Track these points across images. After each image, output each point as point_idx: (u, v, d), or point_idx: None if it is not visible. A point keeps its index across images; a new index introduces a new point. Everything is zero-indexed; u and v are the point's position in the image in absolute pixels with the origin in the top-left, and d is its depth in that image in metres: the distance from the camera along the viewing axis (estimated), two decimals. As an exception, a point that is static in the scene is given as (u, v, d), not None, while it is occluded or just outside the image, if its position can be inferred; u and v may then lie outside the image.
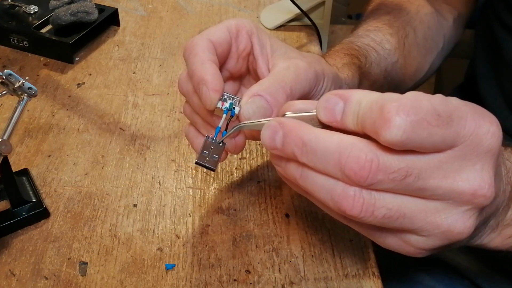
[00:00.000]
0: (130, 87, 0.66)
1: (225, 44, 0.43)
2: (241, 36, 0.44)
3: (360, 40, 0.59)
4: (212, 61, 0.41)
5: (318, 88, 0.44)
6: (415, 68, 0.64)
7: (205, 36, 0.42)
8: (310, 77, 0.42)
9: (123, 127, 0.60)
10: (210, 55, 0.41)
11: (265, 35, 0.44)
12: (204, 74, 0.40)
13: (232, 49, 0.44)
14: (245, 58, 0.45)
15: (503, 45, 0.65)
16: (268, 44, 0.44)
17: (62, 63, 0.70)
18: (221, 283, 0.44)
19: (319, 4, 0.77)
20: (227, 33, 0.43)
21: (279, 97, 0.39)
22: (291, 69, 0.41)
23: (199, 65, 0.40)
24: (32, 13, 0.74)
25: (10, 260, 0.45)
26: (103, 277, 0.44)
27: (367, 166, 0.29)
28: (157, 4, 0.85)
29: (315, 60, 0.45)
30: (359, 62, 0.55)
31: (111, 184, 0.53)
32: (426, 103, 0.28)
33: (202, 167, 0.41)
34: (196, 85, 0.41)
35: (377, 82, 0.58)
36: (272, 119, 0.34)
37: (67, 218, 0.49)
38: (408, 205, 0.30)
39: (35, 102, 0.63)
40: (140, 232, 0.48)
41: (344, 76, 0.51)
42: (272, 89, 0.39)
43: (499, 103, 0.68)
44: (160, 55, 0.72)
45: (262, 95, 0.39)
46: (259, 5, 0.84)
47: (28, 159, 0.55)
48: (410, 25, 0.63)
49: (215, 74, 0.40)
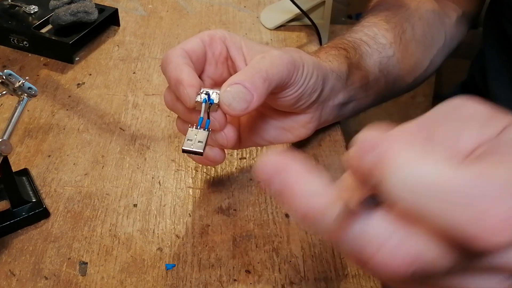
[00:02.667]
0: (130, 87, 0.66)
1: (199, 51, 0.45)
2: (214, 43, 0.46)
3: (352, 35, 0.60)
4: (187, 64, 0.43)
5: (299, 73, 0.45)
6: (414, 63, 0.63)
7: (179, 46, 0.44)
8: (286, 62, 0.43)
9: (123, 127, 0.60)
10: (184, 59, 0.43)
11: (238, 38, 0.47)
12: (178, 74, 0.42)
13: (208, 56, 0.46)
14: (223, 63, 0.47)
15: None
16: (243, 45, 0.46)
17: (62, 63, 0.70)
18: (221, 283, 0.44)
19: (319, 4, 0.77)
20: (200, 42, 0.46)
21: (256, 81, 0.41)
22: (266, 57, 0.43)
23: (174, 70, 0.42)
24: (32, 13, 0.74)
25: (10, 260, 0.45)
26: (103, 277, 0.44)
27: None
28: (157, 4, 0.85)
29: (292, 50, 0.47)
30: (347, 53, 0.55)
31: (111, 184, 0.53)
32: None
33: (189, 153, 0.41)
34: (175, 89, 0.42)
35: (372, 74, 0.58)
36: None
37: (67, 218, 0.49)
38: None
39: (35, 102, 0.63)
40: (140, 232, 0.48)
41: (328, 64, 0.51)
42: (248, 75, 0.41)
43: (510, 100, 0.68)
44: (160, 55, 0.72)
45: (240, 82, 0.40)
46: (259, 5, 0.84)
47: (28, 159, 0.55)
48: (408, 21, 0.63)
49: (189, 72, 0.42)
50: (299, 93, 0.46)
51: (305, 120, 0.51)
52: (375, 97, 0.60)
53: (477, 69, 0.78)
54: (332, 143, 0.58)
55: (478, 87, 0.76)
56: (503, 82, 0.69)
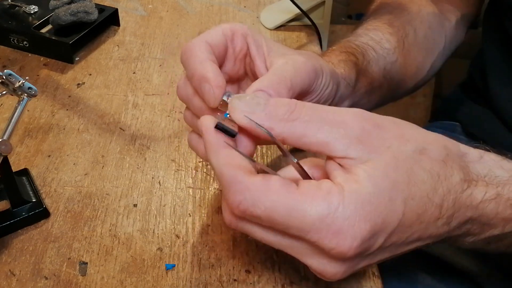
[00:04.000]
0: (130, 87, 0.66)
1: (221, 46, 0.43)
2: (236, 38, 0.44)
3: (358, 39, 0.59)
4: (212, 60, 0.41)
5: (318, 82, 0.44)
6: (416, 67, 0.64)
7: (202, 39, 0.42)
8: (309, 70, 0.42)
9: (123, 127, 0.60)
10: (209, 55, 0.41)
11: (259, 36, 0.45)
12: (205, 72, 0.40)
13: (228, 51, 0.44)
14: (242, 60, 0.45)
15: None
16: (264, 44, 0.44)
17: (62, 63, 0.70)
18: (221, 283, 0.44)
19: (319, 4, 0.77)
20: (223, 36, 0.43)
21: (281, 90, 0.39)
22: (290, 63, 0.41)
23: (199, 65, 0.40)
24: (32, 13, 0.74)
25: (10, 260, 0.45)
26: (103, 277, 0.44)
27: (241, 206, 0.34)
28: (157, 4, 0.85)
29: (312, 56, 0.46)
30: (356, 59, 0.55)
31: (111, 184, 0.53)
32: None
33: (223, 131, 0.38)
34: (197, 85, 0.40)
35: (376, 80, 0.58)
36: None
37: (67, 218, 0.49)
38: (283, 243, 0.35)
39: (35, 102, 0.63)
40: (140, 232, 0.48)
41: (340, 71, 0.51)
42: (274, 83, 0.39)
43: (510, 99, 0.68)
44: (160, 55, 0.72)
45: (265, 90, 0.39)
46: (259, 5, 0.84)
47: (28, 159, 0.55)
48: (410, 25, 0.63)
49: (216, 71, 0.40)
50: (315, 101, 0.46)
51: None
52: (378, 101, 0.60)
53: (477, 69, 0.78)
54: (332, 143, 0.58)
55: (478, 87, 0.76)
56: (503, 81, 0.69)
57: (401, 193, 0.34)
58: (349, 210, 0.32)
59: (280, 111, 0.35)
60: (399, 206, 0.33)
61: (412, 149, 0.35)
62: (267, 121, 0.35)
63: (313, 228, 0.32)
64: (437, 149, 0.36)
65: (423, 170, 0.35)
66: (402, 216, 0.34)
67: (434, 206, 0.35)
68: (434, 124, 0.84)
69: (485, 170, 0.38)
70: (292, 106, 0.35)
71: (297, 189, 0.33)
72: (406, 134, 0.36)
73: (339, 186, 0.33)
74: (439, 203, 0.35)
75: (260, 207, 0.33)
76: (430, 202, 0.35)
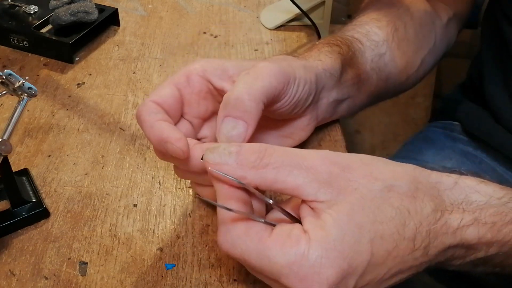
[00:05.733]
0: (130, 87, 0.66)
1: (171, 98, 0.43)
2: (192, 80, 0.44)
3: (345, 33, 0.60)
4: (161, 119, 0.41)
5: (290, 83, 0.45)
6: (406, 61, 0.63)
7: (147, 101, 0.43)
8: (275, 72, 0.43)
9: (123, 127, 0.60)
10: (157, 115, 0.42)
11: (220, 62, 0.45)
12: (159, 134, 0.40)
13: (186, 97, 0.44)
14: (205, 98, 0.45)
15: (510, 41, 0.65)
16: (229, 67, 0.44)
17: (62, 63, 0.70)
18: (221, 283, 0.44)
19: (319, 4, 0.77)
20: (173, 87, 0.44)
21: (241, 107, 0.40)
22: (250, 73, 0.42)
23: (150, 130, 0.41)
24: (32, 13, 0.74)
25: (10, 260, 0.45)
26: (103, 277, 0.44)
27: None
28: (157, 4, 0.85)
29: (280, 58, 0.46)
30: (340, 49, 0.55)
31: (111, 184, 0.53)
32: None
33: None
34: (161, 148, 0.41)
35: (364, 72, 0.57)
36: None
37: (67, 218, 0.49)
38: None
39: (35, 102, 0.63)
40: (140, 232, 0.48)
41: (318, 63, 0.51)
42: (231, 104, 0.40)
43: (505, 101, 0.68)
44: (160, 55, 0.72)
45: (226, 115, 0.40)
46: (259, 5, 0.84)
47: (28, 159, 0.55)
48: (400, 20, 0.63)
49: (168, 128, 0.41)
50: (295, 101, 0.46)
51: (303, 123, 0.51)
52: (369, 95, 0.60)
53: (475, 70, 0.78)
54: (332, 143, 0.58)
55: (476, 87, 0.77)
56: (499, 84, 0.70)
57: (368, 233, 0.35)
58: (313, 257, 0.33)
59: (251, 159, 0.36)
60: (366, 247, 0.35)
61: (380, 187, 0.36)
62: (239, 170, 0.36)
63: (283, 274, 0.34)
64: (406, 184, 0.37)
65: (391, 207, 0.36)
66: (371, 256, 0.35)
67: (407, 240, 0.36)
68: (434, 124, 0.84)
69: (461, 196, 0.38)
70: (262, 153, 0.36)
71: (269, 236, 0.35)
72: (374, 172, 0.37)
73: (307, 235, 0.35)
74: (411, 236, 0.36)
75: (237, 250, 0.36)
76: (400, 238, 0.35)
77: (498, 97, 0.69)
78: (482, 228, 0.38)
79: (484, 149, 0.74)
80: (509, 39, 0.66)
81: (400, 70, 0.63)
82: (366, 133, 1.28)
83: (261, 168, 0.36)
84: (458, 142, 0.77)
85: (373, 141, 1.29)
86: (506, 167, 0.72)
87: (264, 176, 0.36)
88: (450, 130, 0.80)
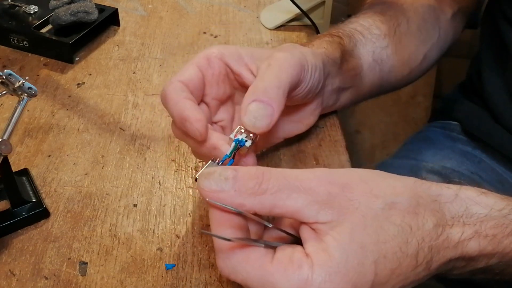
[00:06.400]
0: (130, 87, 0.66)
1: (196, 78, 0.45)
2: (212, 63, 0.46)
3: (347, 26, 0.61)
4: (186, 98, 0.43)
5: (305, 70, 0.46)
6: (408, 55, 0.64)
7: (174, 80, 0.44)
8: (293, 63, 0.44)
9: (123, 127, 0.60)
10: (183, 93, 0.43)
11: (235, 49, 0.46)
12: (181, 112, 0.41)
13: (207, 78, 0.46)
14: (224, 81, 0.47)
15: (509, 41, 0.65)
16: (243, 54, 0.46)
17: (62, 63, 0.70)
18: (221, 283, 0.44)
19: (319, 4, 0.77)
20: (196, 68, 0.45)
21: (270, 92, 0.41)
22: (272, 64, 0.43)
23: (175, 107, 0.42)
24: (32, 13, 0.74)
25: (10, 260, 0.45)
26: (103, 277, 0.44)
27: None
28: (157, 4, 0.85)
29: (292, 47, 0.47)
30: (341, 39, 0.56)
31: (111, 184, 0.53)
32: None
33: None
34: (181, 125, 0.42)
35: (365, 62, 0.58)
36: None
37: (67, 218, 0.49)
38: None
39: (35, 102, 0.63)
40: (140, 232, 0.48)
41: (322, 50, 0.52)
42: (261, 89, 0.41)
43: (504, 101, 0.68)
44: (160, 55, 0.72)
45: (256, 99, 0.41)
46: (259, 5, 0.84)
47: (28, 159, 0.55)
48: (403, 15, 0.63)
49: (191, 107, 0.42)
50: (309, 87, 0.48)
51: (312, 108, 0.52)
52: (371, 86, 0.60)
53: (474, 70, 0.78)
54: (332, 143, 0.58)
55: (475, 87, 0.77)
56: (497, 83, 0.70)
57: (371, 254, 0.34)
58: (317, 282, 0.33)
59: (249, 185, 0.35)
60: (369, 268, 0.34)
61: (381, 205, 0.36)
62: (237, 198, 0.35)
63: None
64: (407, 199, 0.36)
65: (393, 225, 0.35)
66: (375, 277, 0.34)
67: (410, 258, 0.35)
68: (433, 124, 0.84)
69: (462, 208, 0.38)
70: (260, 178, 0.35)
71: (271, 262, 0.35)
72: (374, 190, 0.36)
73: (309, 258, 0.34)
74: (413, 253, 0.35)
75: (239, 276, 0.35)
76: (403, 255, 0.35)
77: (497, 97, 0.69)
78: (483, 240, 0.37)
79: (484, 149, 0.74)
80: (508, 39, 0.66)
81: (403, 63, 0.63)
82: (366, 133, 1.28)
83: (260, 194, 0.35)
84: (458, 142, 0.77)
85: (373, 141, 1.29)
86: (506, 166, 0.72)
87: (263, 202, 0.35)
88: (450, 130, 0.80)
